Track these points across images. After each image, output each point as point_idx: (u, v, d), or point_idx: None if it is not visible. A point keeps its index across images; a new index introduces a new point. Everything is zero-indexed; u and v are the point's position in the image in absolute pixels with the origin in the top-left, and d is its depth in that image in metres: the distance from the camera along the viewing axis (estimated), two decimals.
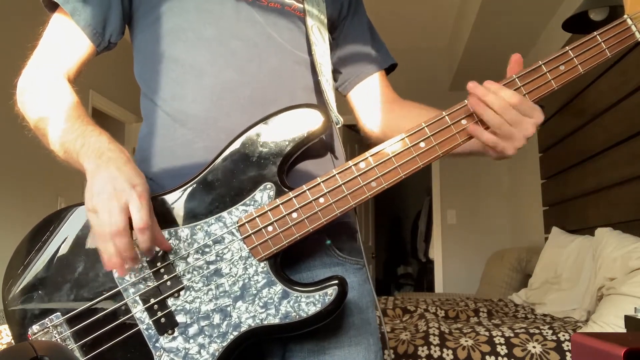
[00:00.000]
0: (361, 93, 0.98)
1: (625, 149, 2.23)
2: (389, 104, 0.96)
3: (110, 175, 0.66)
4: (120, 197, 0.65)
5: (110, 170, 0.67)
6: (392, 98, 0.97)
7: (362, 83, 0.98)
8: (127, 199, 0.65)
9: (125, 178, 0.66)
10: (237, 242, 0.71)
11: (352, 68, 0.98)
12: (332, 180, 0.71)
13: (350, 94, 0.99)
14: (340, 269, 0.82)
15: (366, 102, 0.98)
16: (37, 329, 0.72)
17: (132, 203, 0.65)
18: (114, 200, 0.64)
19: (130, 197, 0.65)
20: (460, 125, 0.73)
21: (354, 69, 0.98)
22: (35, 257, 0.74)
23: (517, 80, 0.73)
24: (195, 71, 0.80)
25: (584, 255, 2.29)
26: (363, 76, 0.97)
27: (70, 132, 0.73)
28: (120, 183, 0.65)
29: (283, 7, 0.85)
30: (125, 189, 0.65)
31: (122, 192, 0.65)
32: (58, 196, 3.16)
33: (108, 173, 0.66)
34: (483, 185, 4.58)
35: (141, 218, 0.64)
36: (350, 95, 1.00)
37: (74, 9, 0.80)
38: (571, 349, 0.92)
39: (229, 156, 0.73)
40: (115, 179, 0.66)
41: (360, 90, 0.98)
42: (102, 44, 0.84)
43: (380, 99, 0.97)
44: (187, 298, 0.71)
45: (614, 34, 0.73)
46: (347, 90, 0.99)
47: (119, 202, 0.64)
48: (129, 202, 0.65)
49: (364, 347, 0.80)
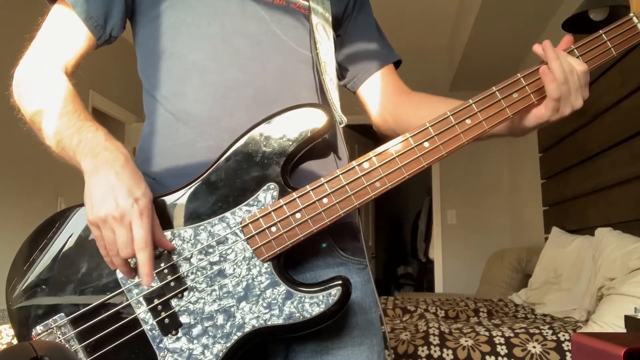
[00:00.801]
0: (371, 88, 0.97)
1: (625, 149, 2.24)
2: (401, 95, 0.95)
3: (109, 183, 0.65)
4: (123, 217, 0.65)
5: (109, 176, 0.66)
6: (404, 90, 0.97)
7: (371, 78, 0.97)
8: (130, 218, 0.65)
9: (126, 189, 0.65)
10: (240, 243, 0.71)
11: (361, 64, 0.97)
12: (336, 181, 0.71)
13: (360, 90, 0.99)
14: (344, 269, 0.82)
15: (377, 96, 0.97)
16: (41, 330, 0.72)
17: (135, 222, 0.65)
18: (117, 221, 0.65)
19: (134, 216, 0.65)
20: (464, 125, 0.73)
21: (363, 65, 0.97)
22: (38, 258, 0.74)
23: (522, 79, 0.73)
24: (197, 68, 0.80)
25: (584, 255, 2.29)
26: (372, 71, 0.97)
27: (66, 127, 0.71)
28: (122, 197, 0.65)
29: (288, 4, 0.85)
30: (127, 206, 0.65)
31: (124, 210, 0.65)
32: (58, 196, 3.16)
33: (107, 180, 0.66)
34: (483, 185, 4.58)
35: (141, 237, 0.65)
36: (360, 91, 0.99)
37: (75, 1, 0.78)
38: (571, 349, 0.92)
39: (232, 156, 0.73)
40: (116, 189, 0.65)
41: (370, 85, 0.97)
42: (103, 37, 0.82)
43: (392, 92, 0.96)
44: (191, 299, 0.71)
45: (619, 32, 0.73)
46: (356, 86, 0.99)
47: (122, 223, 0.65)
48: (132, 221, 0.65)
49: (367, 348, 0.80)
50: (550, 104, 0.73)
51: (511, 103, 0.74)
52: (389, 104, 0.96)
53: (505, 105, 0.73)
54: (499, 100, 0.73)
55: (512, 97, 0.74)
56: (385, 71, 0.97)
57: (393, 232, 6.60)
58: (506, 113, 0.74)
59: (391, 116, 0.95)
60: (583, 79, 0.73)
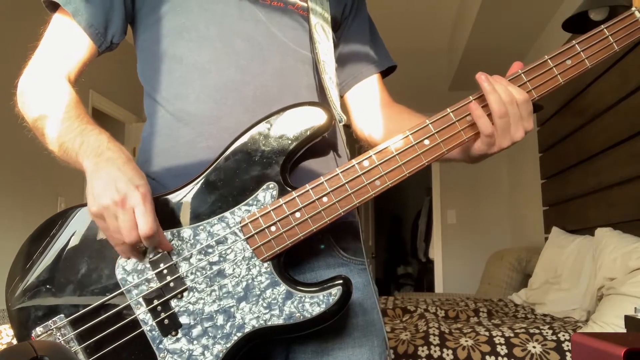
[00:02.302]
0: (358, 95, 0.98)
1: (625, 149, 2.24)
2: (384, 107, 0.96)
3: (111, 175, 0.66)
4: (124, 202, 0.65)
5: (110, 171, 0.67)
6: (387, 102, 0.97)
7: (358, 85, 0.98)
8: (132, 203, 0.65)
9: (127, 178, 0.66)
10: (240, 243, 0.71)
11: (350, 69, 0.98)
12: (336, 179, 0.71)
13: (347, 95, 0.99)
14: (345, 269, 0.82)
15: (362, 105, 0.98)
16: (41, 331, 0.72)
17: (137, 207, 0.65)
18: (119, 206, 0.65)
19: (136, 201, 0.65)
20: (465, 122, 0.72)
21: (352, 70, 0.98)
22: (38, 259, 0.74)
23: (522, 76, 0.72)
24: (198, 70, 0.80)
25: (584, 255, 2.29)
26: (360, 78, 0.97)
27: (69, 131, 0.73)
28: (123, 184, 0.66)
29: (286, 5, 0.85)
30: (128, 191, 0.65)
31: (125, 195, 0.65)
32: (58, 196, 3.15)
33: (108, 173, 0.66)
34: (483, 185, 4.58)
35: (146, 223, 0.65)
36: (346, 96, 0.99)
37: (75, 10, 0.79)
38: (571, 349, 0.92)
39: (232, 155, 0.73)
40: (117, 179, 0.66)
41: (356, 92, 0.98)
42: (104, 44, 0.83)
43: (376, 102, 0.97)
44: (191, 299, 0.71)
45: (621, 27, 0.72)
46: (343, 91, 0.99)
47: (124, 207, 0.65)
48: (134, 206, 0.65)
49: (367, 349, 0.80)
50: (485, 139, 0.71)
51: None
52: (370, 113, 0.97)
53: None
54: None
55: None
56: (373, 80, 0.98)
57: (393, 232, 6.61)
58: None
59: (370, 125, 0.96)
60: (525, 109, 0.70)
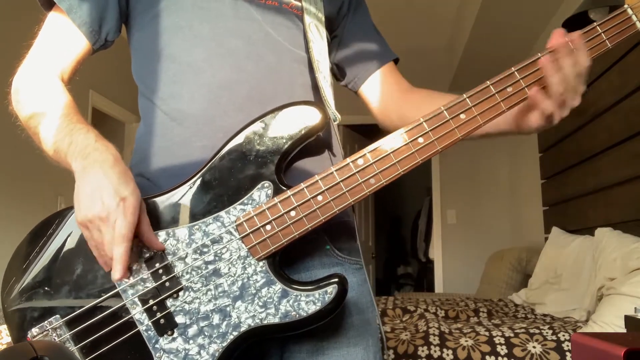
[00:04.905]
0: (372, 87, 0.97)
1: (625, 149, 2.23)
2: (404, 93, 0.95)
3: (97, 183, 0.66)
4: (108, 217, 0.65)
5: (97, 177, 0.66)
6: (406, 87, 0.96)
7: (372, 77, 0.97)
8: (115, 217, 0.65)
9: (113, 189, 0.66)
10: (235, 242, 0.71)
11: (360, 64, 0.97)
12: (330, 178, 0.71)
13: (362, 89, 0.98)
14: (340, 269, 0.82)
15: (379, 95, 0.96)
16: (37, 332, 0.72)
17: (118, 220, 0.65)
18: (103, 222, 0.65)
19: (118, 215, 0.65)
20: (459, 120, 0.72)
21: (363, 65, 0.97)
22: (34, 259, 0.74)
23: (516, 73, 0.72)
24: (192, 69, 0.80)
25: (584, 256, 2.29)
26: (372, 69, 0.96)
27: (59, 130, 0.72)
28: (108, 196, 0.65)
29: (281, 5, 0.85)
30: (112, 206, 0.65)
31: (109, 212, 0.65)
32: (58, 196, 3.16)
33: (95, 179, 0.66)
34: (483, 185, 4.58)
35: (119, 233, 0.65)
36: (361, 90, 0.98)
37: (70, 7, 0.80)
38: (571, 349, 0.92)
39: (226, 155, 0.73)
40: (102, 188, 0.66)
41: (371, 84, 0.97)
42: (99, 42, 0.83)
43: (393, 90, 0.96)
44: (186, 299, 0.71)
45: (614, 24, 0.72)
46: (357, 86, 0.98)
47: (107, 223, 0.65)
48: (117, 220, 0.65)
49: (362, 348, 0.80)
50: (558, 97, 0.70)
51: (505, 97, 0.72)
52: (391, 102, 0.95)
53: (499, 99, 0.72)
54: (493, 95, 0.72)
55: (506, 91, 0.72)
56: (386, 69, 0.97)
57: (393, 232, 6.60)
58: (501, 107, 0.72)
59: (395, 114, 0.94)
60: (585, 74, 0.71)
